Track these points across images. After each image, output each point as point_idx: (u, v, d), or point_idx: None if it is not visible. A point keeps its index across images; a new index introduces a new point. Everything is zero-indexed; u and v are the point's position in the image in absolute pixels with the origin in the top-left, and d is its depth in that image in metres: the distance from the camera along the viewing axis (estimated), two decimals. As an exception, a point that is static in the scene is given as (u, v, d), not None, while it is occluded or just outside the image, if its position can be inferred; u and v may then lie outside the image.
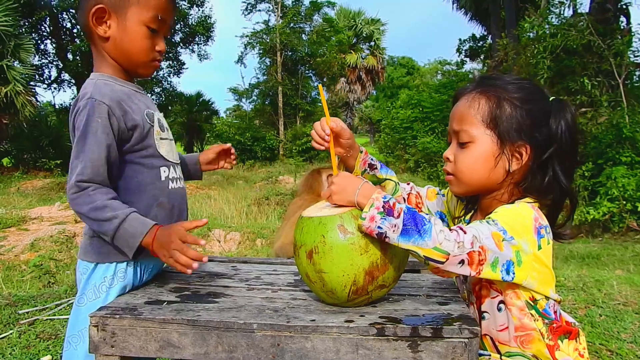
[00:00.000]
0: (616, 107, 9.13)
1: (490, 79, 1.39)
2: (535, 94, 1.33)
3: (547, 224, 1.27)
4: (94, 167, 1.33)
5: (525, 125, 1.29)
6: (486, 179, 1.33)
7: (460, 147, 1.35)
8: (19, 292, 4.31)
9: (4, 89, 14.11)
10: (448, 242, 1.11)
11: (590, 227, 8.06)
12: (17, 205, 9.91)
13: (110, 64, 1.49)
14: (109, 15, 1.42)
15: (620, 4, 11.27)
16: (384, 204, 1.18)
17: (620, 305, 3.61)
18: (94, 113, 1.35)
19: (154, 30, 1.46)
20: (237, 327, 1.17)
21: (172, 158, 1.55)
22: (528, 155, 1.29)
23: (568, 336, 1.30)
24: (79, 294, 1.45)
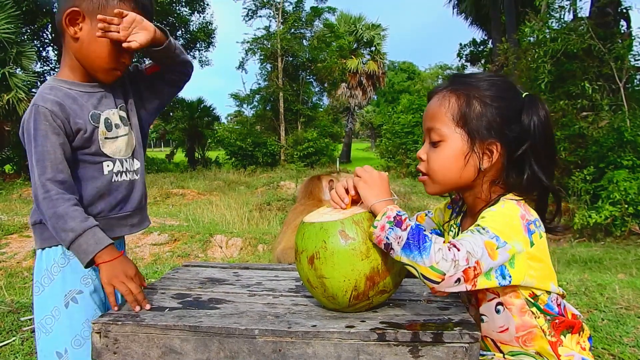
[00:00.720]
0: (617, 110, 9.13)
1: (462, 76, 1.39)
2: (506, 91, 1.33)
3: (536, 218, 1.26)
4: (53, 166, 1.38)
5: (495, 122, 1.29)
6: (458, 177, 1.33)
7: (432, 146, 1.35)
8: (22, 298, 4.31)
9: (6, 96, 14.15)
10: (444, 262, 1.10)
11: (592, 231, 8.05)
12: (19, 212, 9.91)
13: (73, 65, 1.53)
14: (82, 19, 1.46)
15: (621, 8, 11.28)
16: (396, 216, 1.19)
17: (623, 309, 3.60)
18: (39, 117, 1.40)
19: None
20: (238, 333, 1.17)
21: (119, 155, 1.58)
22: (499, 153, 1.29)
23: (571, 330, 1.30)
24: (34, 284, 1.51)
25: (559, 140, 8.99)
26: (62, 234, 1.36)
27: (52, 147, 1.40)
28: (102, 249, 1.37)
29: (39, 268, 1.50)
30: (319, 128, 25.14)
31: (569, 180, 8.76)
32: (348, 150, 37.85)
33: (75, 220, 1.37)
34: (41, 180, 1.37)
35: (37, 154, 1.39)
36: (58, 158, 1.40)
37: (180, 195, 13.22)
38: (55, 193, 1.37)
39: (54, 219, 1.36)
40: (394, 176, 17.20)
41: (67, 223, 1.36)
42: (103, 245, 1.37)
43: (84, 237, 1.36)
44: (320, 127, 25.27)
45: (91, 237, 1.37)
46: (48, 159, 1.39)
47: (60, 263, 1.48)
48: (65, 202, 1.37)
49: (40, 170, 1.38)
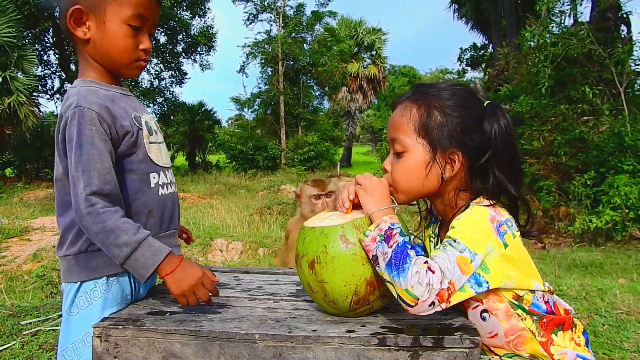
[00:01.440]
0: (618, 115, 9.13)
1: (424, 86, 1.40)
2: (467, 100, 1.33)
3: (507, 218, 1.26)
4: (100, 177, 1.27)
5: (456, 132, 1.29)
6: (421, 187, 1.34)
7: (396, 157, 1.36)
8: (22, 302, 4.31)
9: (7, 100, 14.17)
10: (419, 287, 1.10)
11: (592, 235, 8.04)
12: (19, 215, 9.92)
13: (94, 67, 1.43)
14: (87, 16, 1.37)
15: (621, 13, 11.29)
16: (387, 229, 1.20)
17: (623, 314, 3.60)
18: (84, 121, 1.29)
19: (136, 27, 1.39)
20: (239, 338, 1.17)
21: (162, 162, 1.49)
22: (460, 162, 1.30)
23: (562, 327, 1.29)
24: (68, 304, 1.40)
25: (559, 144, 9.00)
26: (115, 249, 1.26)
27: (99, 155, 1.28)
28: (162, 260, 1.28)
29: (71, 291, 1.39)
30: (319, 132, 25.17)
31: (570, 185, 8.75)
32: (349, 154, 37.88)
33: (127, 233, 1.26)
34: (86, 193, 1.25)
35: (83, 163, 1.26)
36: (105, 167, 1.28)
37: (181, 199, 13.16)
38: (101, 206, 1.25)
39: (103, 234, 1.25)
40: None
41: (120, 237, 1.25)
42: (162, 256, 1.28)
43: (140, 251, 1.26)
44: (320, 131, 25.30)
45: (147, 249, 1.27)
46: (94, 168, 1.26)
47: (103, 289, 1.37)
48: (114, 215, 1.26)
49: (85, 182, 1.25)
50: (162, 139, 1.54)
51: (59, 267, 4.67)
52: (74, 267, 1.38)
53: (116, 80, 1.49)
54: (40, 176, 16.55)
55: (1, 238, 7.50)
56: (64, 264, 1.41)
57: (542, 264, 6.14)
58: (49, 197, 13.51)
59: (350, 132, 37.68)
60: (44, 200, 13.17)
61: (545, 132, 9.25)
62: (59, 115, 1.35)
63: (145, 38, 1.44)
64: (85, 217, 1.25)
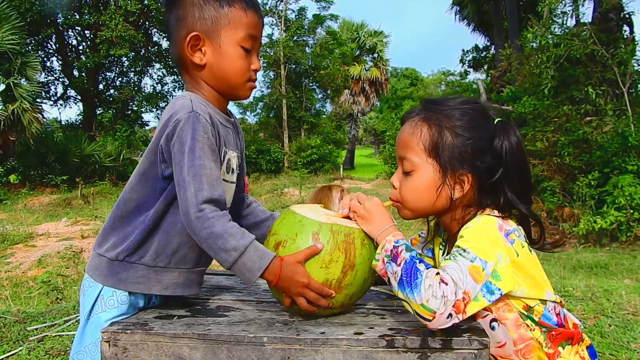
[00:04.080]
0: (621, 115, 9.12)
1: (435, 103, 1.37)
2: (478, 119, 1.31)
3: (515, 228, 1.25)
4: (209, 183, 1.27)
5: (467, 153, 1.28)
6: (431, 206, 1.33)
7: (404, 175, 1.35)
8: (28, 308, 4.32)
9: (10, 107, 14.23)
10: (435, 300, 1.10)
11: (597, 236, 8.02)
12: (24, 221, 9.95)
13: (206, 92, 1.44)
14: (203, 42, 1.38)
15: (623, 14, 11.28)
16: (393, 249, 1.21)
17: (630, 314, 3.59)
18: (198, 127, 1.28)
19: (247, 50, 1.42)
20: (247, 341, 1.18)
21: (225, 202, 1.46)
22: (470, 183, 1.29)
23: (570, 342, 1.28)
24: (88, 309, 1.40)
25: (563, 145, 9.00)
26: (223, 254, 1.25)
27: (208, 161, 1.28)
28: (268, 265, 1.25)
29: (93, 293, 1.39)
30: (322, 135, 25.22)
31: (574, 186, 8.74)
32: (351, 156, 37.90)
33: (235, 237, 1.25)
34: (197, 198, 1.24)
35: (195, 168, 1.26)
36: (214, 174, 1.29)
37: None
38: (210, 211, 1.25)
39: (212, 239, 1.25)
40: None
41: (228, 242, 1.24)
42: (268, 260, 1.25)
43: (247, 254, 1.25)
44: (323, 134, 25.34)
45: (254, 252, 1.26)
46: (205, 174, 1.26)
47: (120, 300, 1.37)
48: (221, 219, 1.26)
49: (197, 187, 1.25)
50: (235, 180, 1.51)
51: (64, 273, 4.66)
52: (104, 269, 1.39)
53: (223, 108, 1.49)
54: (44, 182, 16.59)
55: (6, 244, 7.53)
56: (96, 260, 1.42)
57: (547, 265, 6.13)
58: (53, 203, 13.55)
59: (353, 135, 37.70)
60: (48, 206, 13.21)
61: (549, 133, 9.24)
62: (166, 119, 1.33)
63: (255, 59, 1.45)
64: (194, 221, 1.25)
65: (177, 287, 1.41)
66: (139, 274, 1.37)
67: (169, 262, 1.39)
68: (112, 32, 18.78)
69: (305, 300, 1.26)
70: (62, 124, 22.79)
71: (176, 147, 1.29)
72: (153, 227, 1.36)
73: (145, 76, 23.69)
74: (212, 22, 1.37)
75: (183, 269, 1.41)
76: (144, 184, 1.38)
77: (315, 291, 1.26)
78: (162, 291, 1.40)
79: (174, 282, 1.40)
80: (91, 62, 19.52)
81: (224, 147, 1.41)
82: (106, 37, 18.87)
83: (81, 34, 21.29)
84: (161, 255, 1.38)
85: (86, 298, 1.41)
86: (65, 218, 10.09)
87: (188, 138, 1.27)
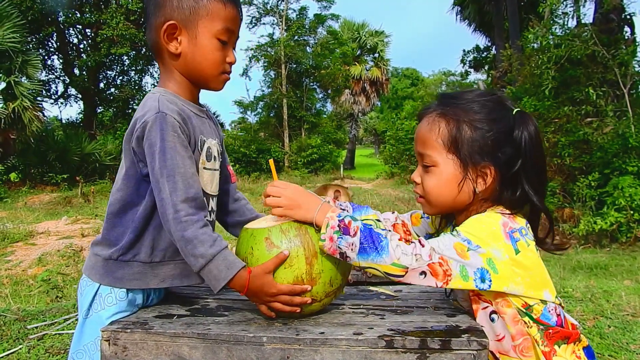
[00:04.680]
0: (622, 116, 9.12)
1: (451, 97, 1.36)
2: (496, 111, 1.30)
3: (521, 226, 1.25)
4: (184, 182, 1.28)
5: (487, 146, 1.27)
6: (453, 200, 1.32)
7: (424, 170, 1.34)
8: (28, 306, 4.33)
9: (11, 105, 14.24)
10: (405, 257, 1.13)
11: (597, 237, 8.03)
12: (24, 220, 9.96)
13: (177, 81, 1.45)
14: (179, 31, 1.39)
15: (624, 14, 11.29)
16: (340, 223, 1.20)
17: (629, 316, 3.59)
18: (166, 127, 1.29)
19: (224, 42, 1.42)
20: (246, 341, 1.18)
21: (209, 190, 1.47)
22: (493, 176, 1.28)
23: (566, 341, 1.28)
24: (81, 306, 1.42)
25: (563, 145, 9.00)
26: (192, 259, 1.27)
27: (181, 160, 1.29)
28: (234, 275, 1.26)
29: (90, 292, 1.40)
30: (322, 134, 25.22)
31: (574, 186, 8.75)
32: (352, 156, 37.90)
33: (204, 245, 1.26)
34: (172, 200, 1.26)
35: (168, 169, 1.27)
36: (188, 172, 1.30)
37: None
38: (184, 214, 1.26)
39: (182, 242, 1.26)
40: (398, 182, 17.20)
41: (197, 248, 1.25)
42: (235, 271, 1.26)
43: (214, 263, 1.26)
44: (324, 134, 25.34)
45: (222, 262, 1.27)
46: (179, 173, 1.28)
47: (119, 297, 1.38)
48: (194, 224, 1.26)
49: (171, 187, 1.27)
50: (217, 167, 1.51)
51: (64, 272, 4.68)
52: (100, 268, 1.40)
53: (195, 98, 1.50)
54: (45, 180, 16.58)
55: (6, 243, 7.53)
56: (92, 260, 1.43)
57: (547, 266, 6.09)
58: (54, 201, 13.55)
59: (354, 135, 37.70)
60: (49, 204, 13.21)
61: (549, 134, 9.24)
62: (135, 119, 1.35)
63: (231, 52, 1.46)
64: (170, 222, 1.27)
65: (175, 279, 1.42)
66: (134, 271, 1.38)
67: (164, 256, 1.40)
68: (113, 31, 18.77)
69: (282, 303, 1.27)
70: (62, 123, 22.78)
71: (147, 149, 1.30)
72: (144, 225, 1.38)
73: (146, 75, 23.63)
74: (190, 12, 1.37)
75: (178, 260, 1.41)
76: (128, 183, 1.39)
77: (288, 294, 1.26)
78: (159, 284, 1.41)
79: (170, 274, 1.41)
80: (92, 61, 19.52)
81: (202, 136, 1.43)
82: (107, 35, 18.87)
83: (82, 32, 21.29)
84: (156, 250, 1.39)
85: (83, 297, 1.42)
86: (65, 216, 10.09)
87: (157, 140, 1.28)
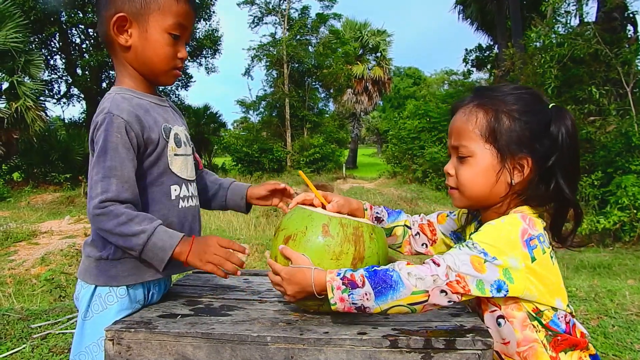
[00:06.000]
0: (625, 115, 9.10)
1: (487, 90, 1.36)
2: (533, 104, 1.30)
3: (540, 233, 1.23)
4: (118, 185, 1.28)
5: (525, 137, 1.26)
6: (489, 192, 1.30)
7: (460, 161, 1.33)
8: (31, 306, 4.33)
9: (14, 105, 14.26)
10: (422, 281, 1.11)
11: (600, 236, 8.00)
12: (27, 219, 9.97)
13: (131, 75, 1.45)
14: (130, 24, 1.38)
15: (627, 13, 11.26)
16: (343, 280, 1.18)
17: (633, 315, 3.58)
18: (111, 128, 1.30)
19: (175, 36, 1.42)
20: (250, 340, 1.18)
21: (185, 175, 1.49)
22: (530, 167, 1.27)
23: (574, 348, 1.27)
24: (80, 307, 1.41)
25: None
26: (133, 238, 1.27)
27: (120, 162, 1.30)
28: (179, 242, 1.30)
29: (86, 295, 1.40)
30: (325, 134, 25.20)
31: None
32: (354, 156, 37.89)
33: (142, 222, 1.28)
34: (100, 198, 1.27)
35: (105, 170, 1.28)
36: (124, 176, 1.30)
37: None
38: (114, 208, 1.27)
39: (120, 227, 1.27)
40: (400, 182, 17.18)
41: (135, 226, 1.27)
42: (178, 238, 1.31)
43: (157, 235, 1.29)
44: (326, 133, 25.32)
45: (163, 233, 1.30)
46: (115, 175, 1.28)
47: (119, 294, 1.38)
48: (125, 210, 1.28)
49: (103, 187, 1.28)
50: (190, 152, 1.54)
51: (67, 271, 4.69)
52: (93, 269, 1.40)
53: (152, 89, 1.50)
54: (48, 180, 16.62)
55: (9, 242, 7.54)
56: (85, 262, 1.44)
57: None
58: (56, 201, 13.58)
59: (356, 134, 37.69)
60: (52, 204, 13.24)
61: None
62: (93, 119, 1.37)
63: (182, 47, 1.46)
64: (99, 217, 1.27)
65: (172, 268, 1.41)
66: (128, 267, 1.39)
67: None
68: (116, 31, 18.75)
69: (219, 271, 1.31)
70: (65, 122, 22.80)
71: (93, 148, 1.33)
72: None
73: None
74: (141, 5, 1.38)
75: None
76: None
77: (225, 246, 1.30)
78: (155, 275, 1.41)
79: None
80: (94, 61, 19.52)
81: (166, 124, 1.45)
82: (109, 35, 18.84)
83: (85, 32, 21.28)
84: None
85: (80, 301, 1.42)
86: (68, 216, 10.10)
87: (101, 140, 1.31)
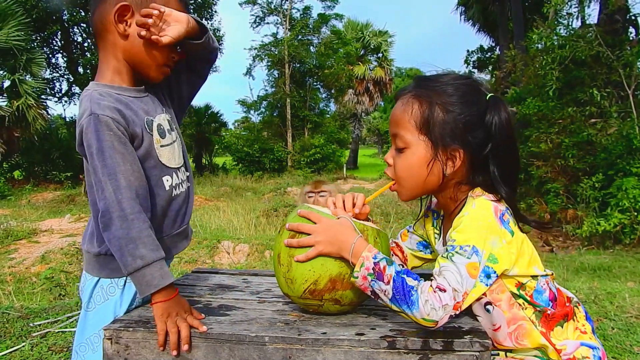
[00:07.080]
0: (626, 117, 9.07)
1: (426, 80, 1.36)
2: (470, 95, 1.30)
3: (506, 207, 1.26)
4: (126, 179, 1.28)
5: (458, 129, 1.27)
6: (423, 183, 1.32)
7: (398, 152, 1.35)
8: (31, 304, 4.34)
9: (15, 103, 14.28)
10: (435, 312, 1.12)
11: (601, 238, 8.00)
12: (27, 217, 9.99)
13: (118, 67, 1.43)
14: (131, 14, 1.37)
15: (629, 15, 11.24)
16: (374, 266, 1.19)
17: (633, 317, 3.58)
18: (101, 127, 1.29)
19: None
20: (248, 340, 1.18)
21: (174, 164, 1.48)
22: (461, 159, 1.28)
23: (566, 319, 1.30)
24: (83, 298, 1.43)
25: (567, 147, 8.97)
26: (129, 258, 1.25)
27: (121, 157, 1.29)
28: (164, 287, 1.26)
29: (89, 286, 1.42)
30: (326, 134, 25.19)
31: (578, 188, 8.72)
32: (355, 156, 37.88)
33: (146, 247, 1.26)
34: (117, 197, 1.25)
35: (108, 168, 1.27)
36: (129, 169, 1.29)
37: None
38: (130, 212, 1.26)
39: (124, 240, 1.25)
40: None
41: (138, 249, 1.25)
42: (167, 282, 1.27)
43: (151, 268, 1.26)
44: (327, 134, 25.31)
45: (158, 269, 1.27)
46: (119, 171, 1.27)
47: (121, 285, 1.41)
48: (140, 224, 1.27)
49: (113, 186, 1.26)
50: (176, 137, 1.52)
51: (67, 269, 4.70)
52: (95, 263, 1.42)
53: (133, 82, 1.47)
54: (48, 178, 16.64)
55: (10, 240, 7.55)
56: (86, 257, 1.46)
57: (550, 267, 6.11)
58: (57, 199, 13.59)
59: (357, 135, 37.68)
60: (52, 202, 13.25)
61: (553, 135, 9.22)
62: (78, 123, 1.35)
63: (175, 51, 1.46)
64: (115, 220, 1.25)
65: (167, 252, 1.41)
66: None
67: None
68: (117, 30, 18.76)
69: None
70: (66, 121, 22.78)
71: (87, 152, 1.31)
72: None
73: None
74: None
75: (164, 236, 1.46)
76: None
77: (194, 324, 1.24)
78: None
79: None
80: (96, 59, 19.50)
81: (147, 117, 1.42)
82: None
83: (86, 30, 21.27)
84: None
85: (83, 292, 1.44)
86: (68, 214, 10.12)
87: (94, 141, 1.28)
